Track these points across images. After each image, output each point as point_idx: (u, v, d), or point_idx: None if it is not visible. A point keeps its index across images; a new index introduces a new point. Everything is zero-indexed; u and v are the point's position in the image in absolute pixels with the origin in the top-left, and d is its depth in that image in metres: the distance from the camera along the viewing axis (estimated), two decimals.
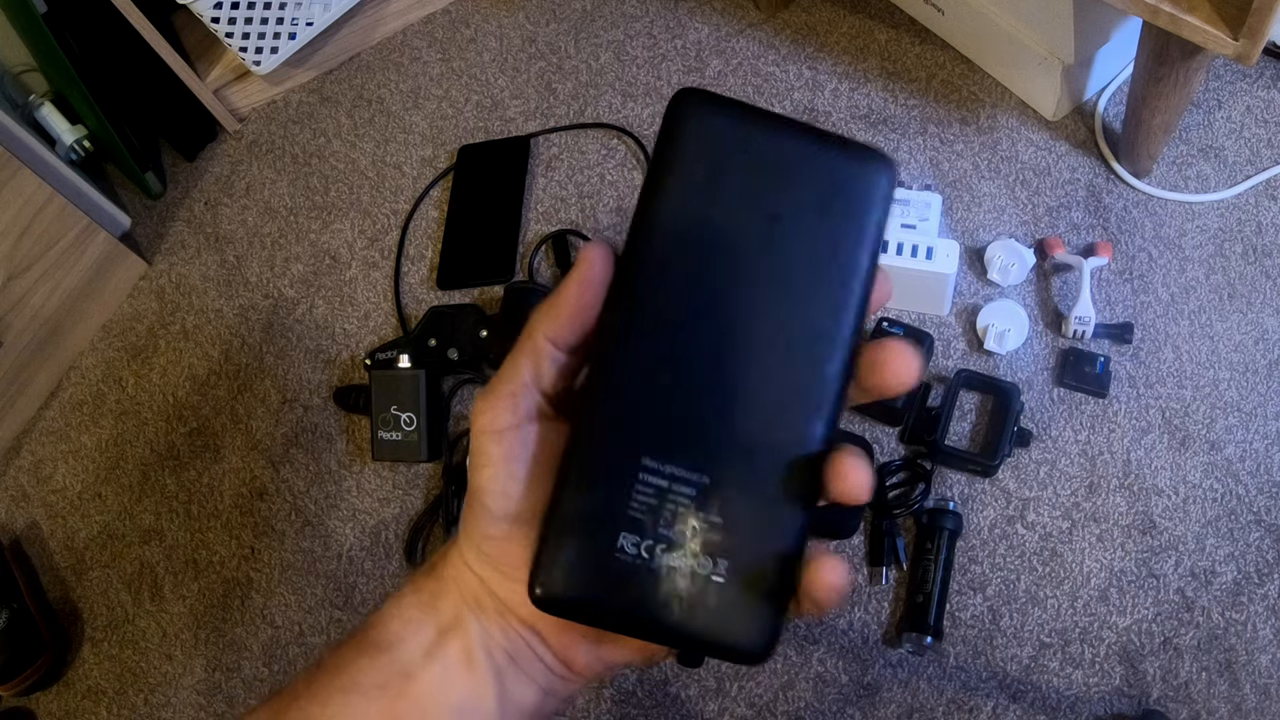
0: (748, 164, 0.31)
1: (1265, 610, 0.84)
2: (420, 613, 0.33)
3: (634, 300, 0.31)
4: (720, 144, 0.31)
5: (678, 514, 0.31)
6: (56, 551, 1.11)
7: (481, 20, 1.36)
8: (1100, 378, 0.93)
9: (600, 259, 0.31)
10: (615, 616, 0.31)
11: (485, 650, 0.33)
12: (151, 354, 1.21)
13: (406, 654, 0.32)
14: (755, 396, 0.31)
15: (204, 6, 1.18)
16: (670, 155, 0.31)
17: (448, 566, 0.34)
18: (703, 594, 0.31)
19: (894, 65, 1.17)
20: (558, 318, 0.32)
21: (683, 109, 0.31)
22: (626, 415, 0.31)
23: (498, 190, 1.20)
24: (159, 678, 1.02)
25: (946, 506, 0.90)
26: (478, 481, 0.32)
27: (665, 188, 0.32)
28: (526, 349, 0.32)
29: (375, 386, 1.04)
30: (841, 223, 0.31)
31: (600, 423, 0.31)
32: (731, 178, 0.31)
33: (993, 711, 0.84)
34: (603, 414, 0.31)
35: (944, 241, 0.95)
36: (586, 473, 0.31)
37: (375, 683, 0.32)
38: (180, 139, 1.35)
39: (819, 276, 0.32)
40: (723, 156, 0.31)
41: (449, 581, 0.33)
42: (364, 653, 0.33)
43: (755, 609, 0.31)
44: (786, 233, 0.31)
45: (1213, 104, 1.06)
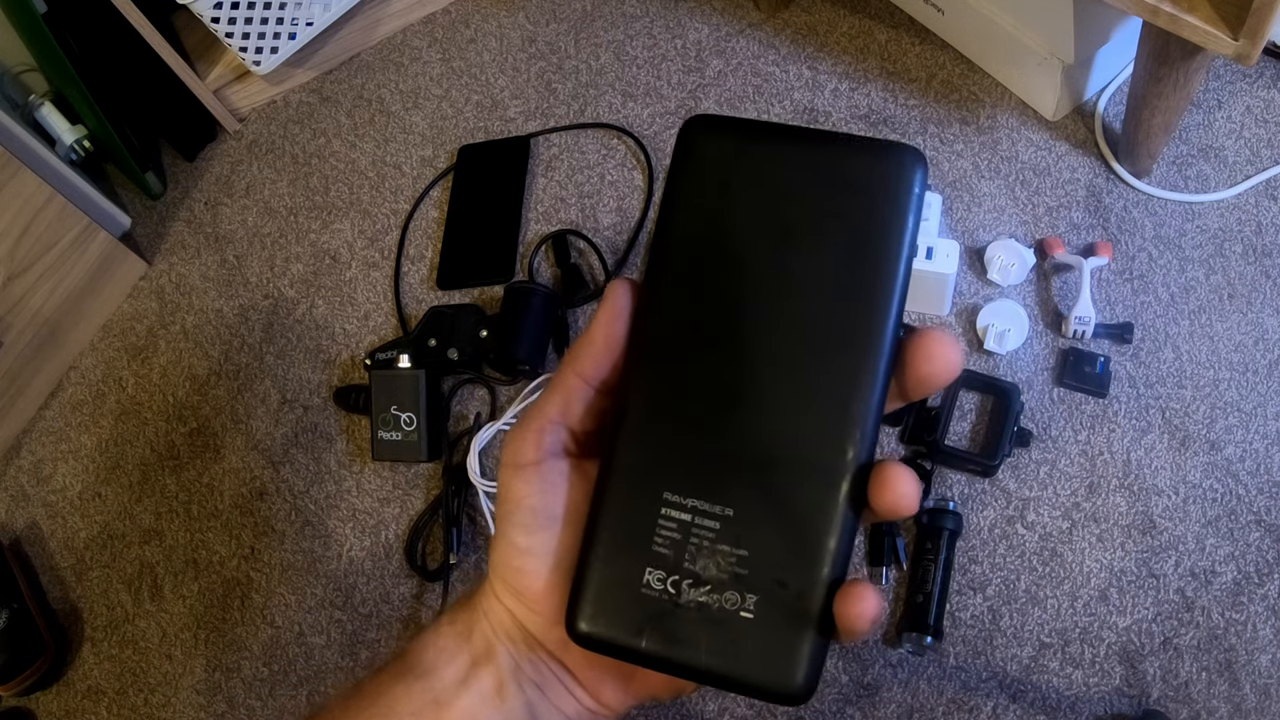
0: (763, 181, 0.30)
1: (1265, 610, 0.84)
2: (455, 642, 0.33)
3: (656, 332, 0.31)
4: (732, 164, 0.30)
5: (701, 548, 0.30)
6: (56, 551, 1.11)
7: (481, 20, 1.36)
8: (1100, 378, 0.93)
9: (624, 294, 0.31)
10: (645, 656, 0.30)
11: (516, 681, 0.33)
12: (151, 354, 1.21)
13: (440, 683, 0.33)
14: (787, 421, 0.30)
15: (204, 6, 1.18)
16: (684, 183, 0.31)
17: (481, 598, 0.34)
18: (731, 631, 0.29)
19: (894, 65, 1.17)
20: (586, 354, 0.32)
21: (692, 135, 0.31)
22: (650, 449, 0.30)
23: (498, 190, 1.20)
24: (159, 678, 1.02)
25: (946, 506, 0.90)
26: (502, 514, 0.32)
27: (680, 217, 0.31)
28: (557, 386, 0.32)
29: (375, 386, 1.04)
30: (869, 226, 0.30)
31: (625, 458, 0.31)
32: (747, 198, 0.30)
33: (993, 711, 0.84)
34: (627, 449, 0.31)
35: (944, 241, 0.95)
36: (614, 509, 0.31)
37: (409, 710, 0.32)
38: (180, 139, 1.35)
39: (850, 286, 0.30)
40: (736, 177, 0.30)
41: (481, 613, 0.34)
42: (399, 680, 0.33)
43: (789, 646, 0.29)
44: (811, 245, 0.30)
45: (1213, 104, 1.06)
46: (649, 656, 0.30)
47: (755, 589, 0.29)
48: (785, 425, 0.30)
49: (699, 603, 0.30)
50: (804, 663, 0.29)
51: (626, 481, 0.31)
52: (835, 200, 0.30)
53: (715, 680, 0.30)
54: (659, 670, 0.30)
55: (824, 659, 0.29)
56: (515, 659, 0.33)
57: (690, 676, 0.30)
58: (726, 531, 0.30)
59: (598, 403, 0.32)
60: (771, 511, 0.30)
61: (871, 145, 0.30)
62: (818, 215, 0.30)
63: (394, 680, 0.33)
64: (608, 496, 0.31)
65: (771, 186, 0.30)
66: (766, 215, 0.30)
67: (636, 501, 0.30)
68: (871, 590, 0.29)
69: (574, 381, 0.32)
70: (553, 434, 0.32)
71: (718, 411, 0.30)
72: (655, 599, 0.30)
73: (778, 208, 0.30)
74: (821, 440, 0.29)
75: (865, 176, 0.30)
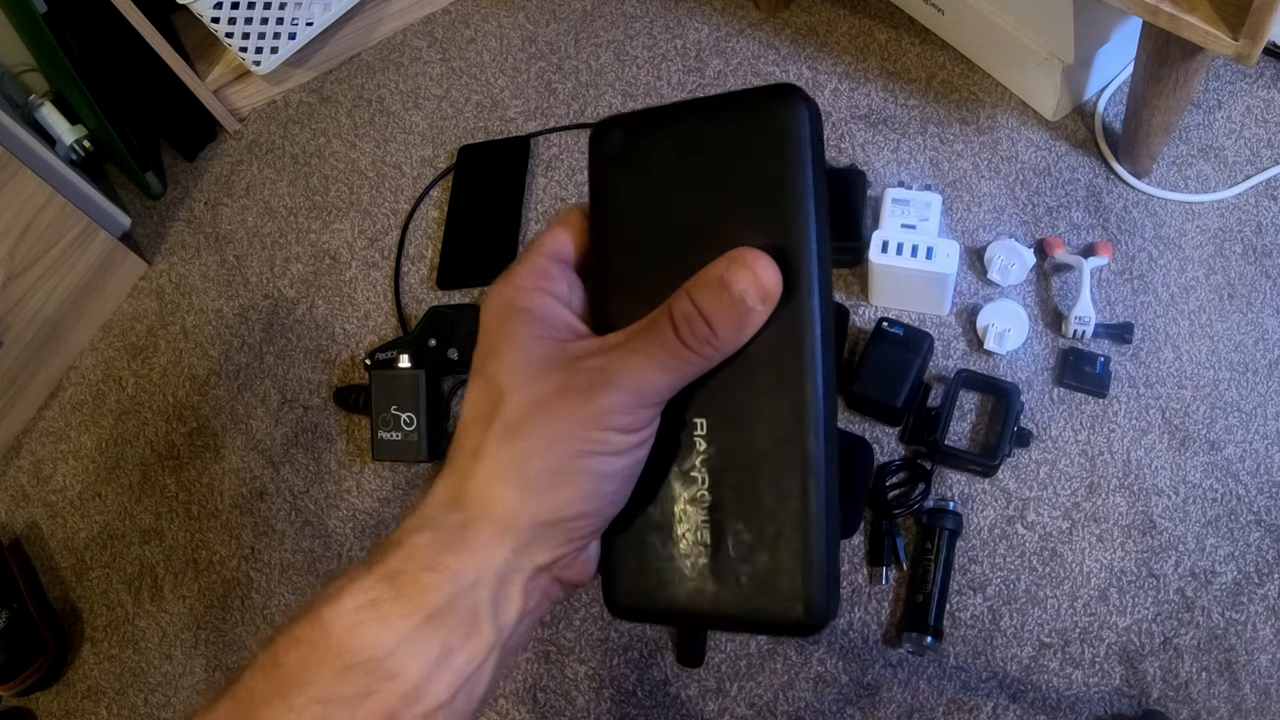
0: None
1: (1265, 610, 0.84)
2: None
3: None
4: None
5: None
6: (56, 551, 1.11)
7: (481, 20, 1.36)
8: (1100, 378, 0.93)
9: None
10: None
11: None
12: (151, 354, 1.21)
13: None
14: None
15: (204, 6, 1.18)
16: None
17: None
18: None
19: (894, 65, 1.17)
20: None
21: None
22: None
23: (498, 190, 1.20)
24: (159, 678, 1.02)
25: (946, 506, 0.90)
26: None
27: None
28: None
29: (375, 386, 1.04)
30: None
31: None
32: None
33: (993, 711, 0.84)
34: None
35: (944, 241, 0.95)
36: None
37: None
38: (180, 139, 1.35)
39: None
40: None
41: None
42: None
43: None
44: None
45: (1213, 104, 1.06)
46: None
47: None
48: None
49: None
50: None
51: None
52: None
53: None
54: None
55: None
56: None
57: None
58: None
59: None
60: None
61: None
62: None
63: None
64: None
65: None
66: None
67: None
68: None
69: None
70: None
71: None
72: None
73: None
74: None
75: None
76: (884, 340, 0.96)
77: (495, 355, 0.31)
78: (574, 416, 0.30)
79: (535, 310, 0.32)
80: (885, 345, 0.95)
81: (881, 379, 0.94)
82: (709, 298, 0.30)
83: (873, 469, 0.93)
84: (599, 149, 0.33)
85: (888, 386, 0.94)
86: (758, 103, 0.31)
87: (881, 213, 0.98)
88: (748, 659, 0.90)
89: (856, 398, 0.96)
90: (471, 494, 0.30)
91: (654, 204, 0.32)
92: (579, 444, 0.30)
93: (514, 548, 0.30)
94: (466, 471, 0.31)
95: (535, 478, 0.30)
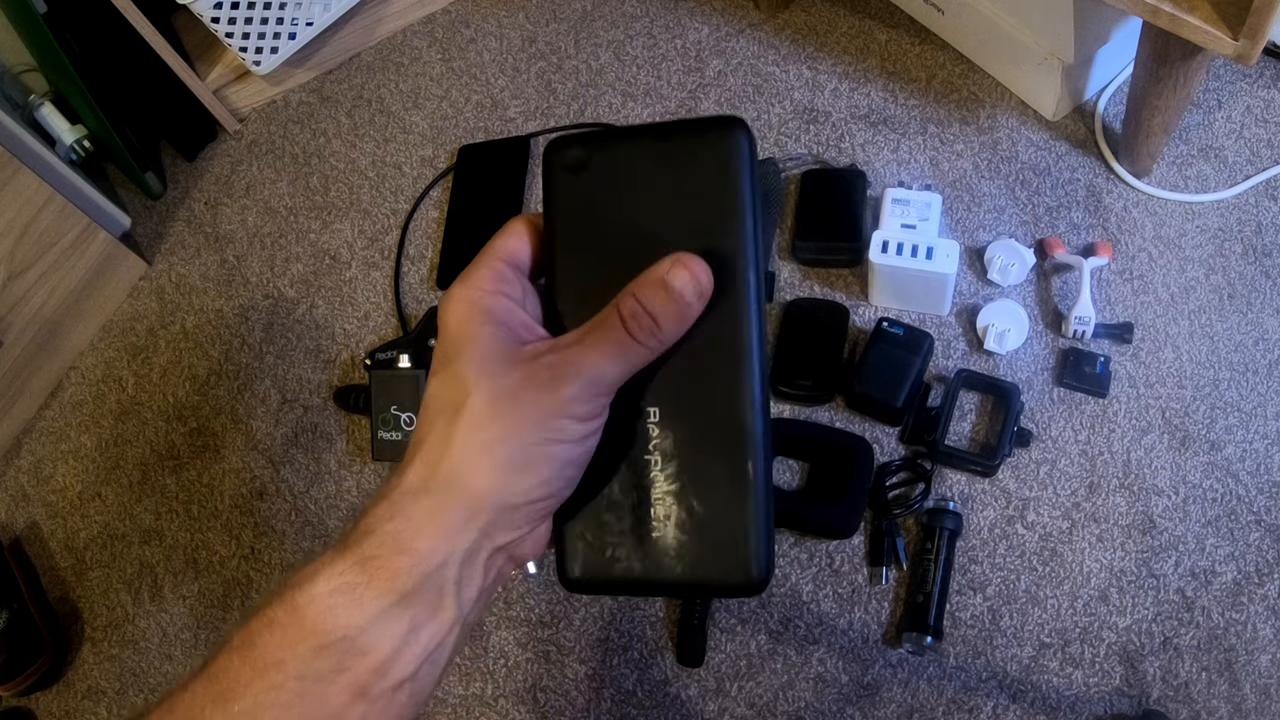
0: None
1: (1265, 610, 0.84)
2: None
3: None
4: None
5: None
6: (56, 551, 1.11)
7: (481, 20, 1.36)
8: (1100, 378, 0.93)
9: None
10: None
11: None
12: (151, 354, 1.21)
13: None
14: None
15: (204, 6, 1.18)
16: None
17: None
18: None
19: (894, 65, 1.17)
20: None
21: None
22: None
23: (498, 190, 1.20)
24: (159, 678, 1.02)
25: (946, 506, 0.90)
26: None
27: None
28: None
29: (375, 386, 1.04)
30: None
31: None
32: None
33: (993, 711, 0.84)
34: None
35: (944, 241, 0.95)
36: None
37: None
38: (180, 139, 1.35)
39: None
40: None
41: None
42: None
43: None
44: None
45: (1213, 104, 1.06)
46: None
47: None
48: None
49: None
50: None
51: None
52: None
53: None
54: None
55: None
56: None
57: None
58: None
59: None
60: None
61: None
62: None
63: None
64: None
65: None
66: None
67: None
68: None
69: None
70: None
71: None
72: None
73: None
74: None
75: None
76: (884, 340, 0.96)
77: (459, 352, 0.34)
78: (537, 406, 0.32)
79: (495, 311, 0.34)
80: (885, 345, 0.95)
81: (881, 379, 0.94)
82: (652, 296, 0.33)
83: (873, 469, 0.93)
84: (553, 163, 0.36)
85: (888, 386, 0.94)
86: (702, 129, 0.35)
87: (881, 213, 0.98)
88: (748, 659, 0.90)
89: (857, 397, 0.96)
90: (440, 480, 0.33)
91: (603, 215, 0.36)
92: (542, 432, 0.32)
93: (479, 530, 0.33)
94: (435, 460, 0.33)
95: (503, 464, 0.32)
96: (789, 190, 1.11)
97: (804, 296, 1.04)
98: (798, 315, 1.02)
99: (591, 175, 0.36)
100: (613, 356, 0.33)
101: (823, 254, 1.06)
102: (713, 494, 0.34)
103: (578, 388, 0.32)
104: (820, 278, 1.06)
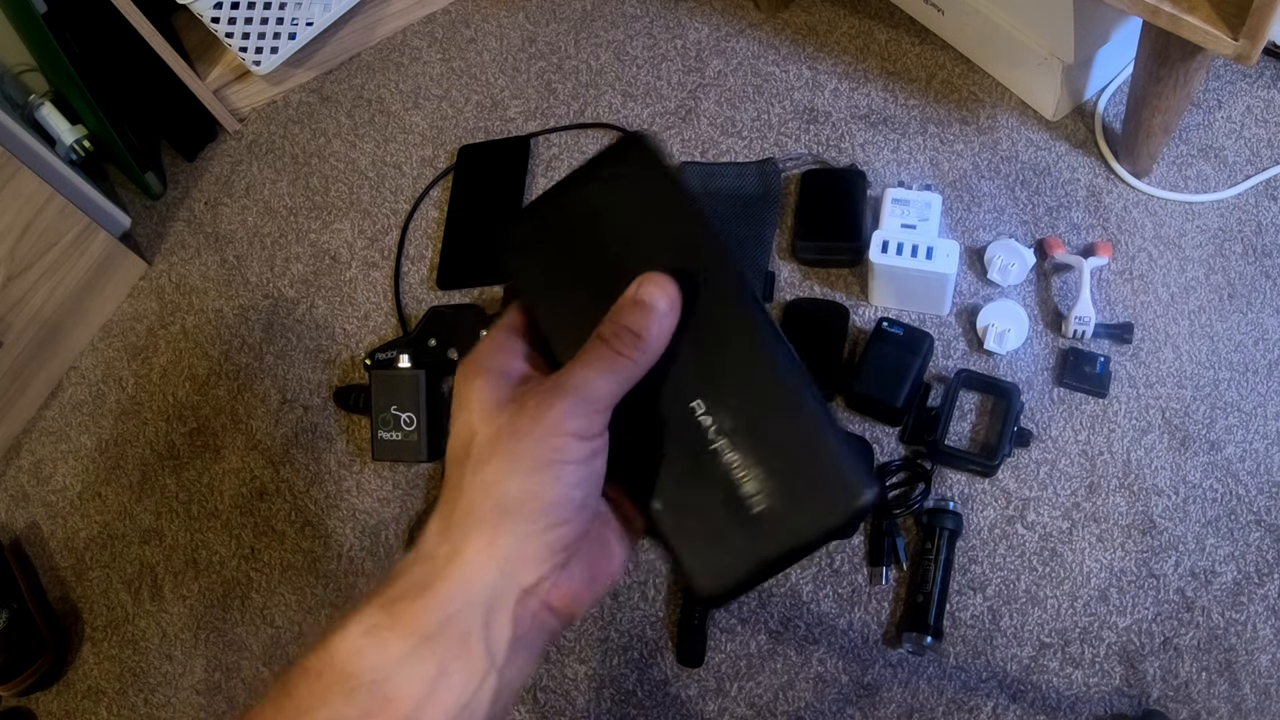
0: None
1: (1265, 610, 0.84)
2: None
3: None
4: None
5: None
6: (56, 551, 1.11)
7: (481, 20, 1.36)
8: (1100, 378, 0.93)
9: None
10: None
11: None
12: (151, 354, 1.21)
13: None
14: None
15: (204, 6, 1.18)
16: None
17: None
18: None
19: (894, 65, 1.17)
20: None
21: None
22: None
23: (498, 190, 1.20)
24: (159, 678, 1.02)
25: (946, 506, 0.90)
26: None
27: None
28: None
29: (375, 386, 1.04)
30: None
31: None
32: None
33: (993, 711, 0.84)
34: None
35: (944, 241, 0.95)
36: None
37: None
38: (180, 139, 1.35)
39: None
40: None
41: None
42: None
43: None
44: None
45: (1213, 104, 1.06)
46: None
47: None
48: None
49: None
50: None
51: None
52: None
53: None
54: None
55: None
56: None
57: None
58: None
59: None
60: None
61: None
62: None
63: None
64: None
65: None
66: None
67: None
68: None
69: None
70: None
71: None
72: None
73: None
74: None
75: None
76: (884, 340, 0.96)
77: (464, 406, 0.36)
78: (532, 431, 0.33)
79: (493, 365, 0.37)
80: (885, 345, 0.95)
81: (881, 379, 0.94)
82: (628, 314, 0.35)
83: (872, 469, 0.93)
84: (507, 250, 0.39)
85: (888, 386, 0.94)
86: (609, 159, 0.38)
87: (881, 213, 0.98)
88: (748, 659, 0.90)
89: (856, 397, 0.96)
90: (455, 523, 0.34)
91: (569, 273, 0.38)
92: (542, 454, 0.33)
93: (498, 568, 0.33)
94: (450, 506, 0.34)
95: (508, 496, 0.33)
96: (789, 190, 1.11)
97: (804, 296, 1.04)
98: (798, 315, 1.02)
99: (543, 246, 0.39)
100: (600, 372, 0.34)
101: (823, 254, 1.06)
102: (788, 444, 0.36)
103: (568, 403, 0.34)
104: (820, 278, 1.06)
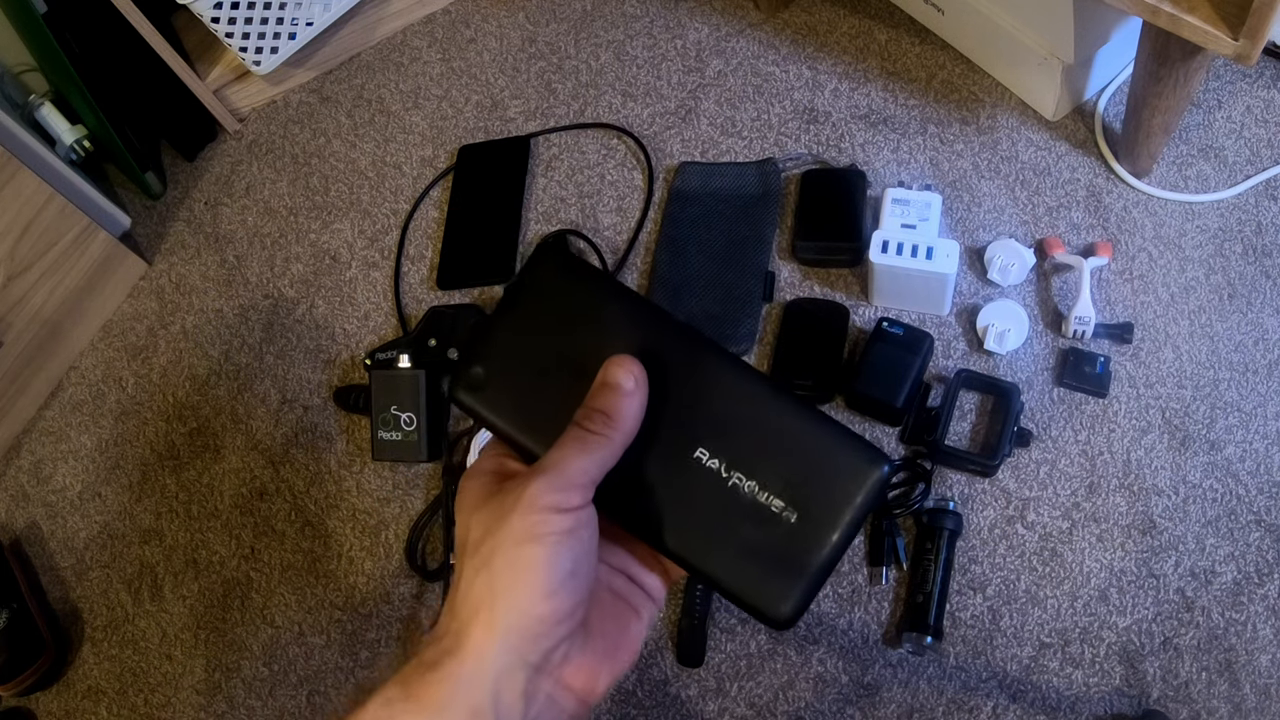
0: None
1: (1265, 610, 0.84)
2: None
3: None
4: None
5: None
6: (56, 551, 1.11)
7: (481, 20, 1.36)
8: (1100, 378, 0.93)
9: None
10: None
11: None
12: (151, 354, 1.21)
13: None
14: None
15: (204, 6, 1.18)
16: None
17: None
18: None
19: (894, 65, 1.17)
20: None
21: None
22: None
23: (498, 190, 1.20)
24: (159, 678, 1.02)
25: (946, 506, 0.90)
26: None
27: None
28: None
29: (375, 386, 1.04)
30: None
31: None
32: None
33: (993, 711, 0.84)
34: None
35: (944, 241, 0.95)
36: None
37: None
38: (180, 139, 1.35)
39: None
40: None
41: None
42: None
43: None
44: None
45: (1213, 104, 1.06)
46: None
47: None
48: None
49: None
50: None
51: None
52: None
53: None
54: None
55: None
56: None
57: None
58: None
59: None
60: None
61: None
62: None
63: None
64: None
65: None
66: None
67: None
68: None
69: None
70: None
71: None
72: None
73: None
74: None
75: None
76: (884, 340, 0.96)
77: (461, 508, 0.38)
78: (514, 509, 0.36)
79: (487, 469, 0.40)
80: (885, 345, 0.95)
81: (881, 379, 0.94)
82: (598, 398, 0.38)
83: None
84: (461, 394, 0.41)
85: (888, 386, 0.94)
86: (532, 270, 0.41)
87: (881, 213, 0.98)
88: (748, 659, 0.90)
89: (856, 397, 0.96)
90: (459, 605, 0.36)
91: (531, 394, 0.40)
92: (524, 529, 0.35)
93: (501, 644, 0.35)
94: (454, 591, 0.37)
95: (498, 575, 0.35)
96: (789, 190, 1.11)
97: (804, 296, 1.04)
98: (798, 315, 1.02)
99: (498, 377, 0.41)
100: (576, 451, 0.37)
101: (823, 254, 1.06)
102: (794, 452, 0.38)
103: (543, 480, 0.36)
104: (820, 278, 1.06)
